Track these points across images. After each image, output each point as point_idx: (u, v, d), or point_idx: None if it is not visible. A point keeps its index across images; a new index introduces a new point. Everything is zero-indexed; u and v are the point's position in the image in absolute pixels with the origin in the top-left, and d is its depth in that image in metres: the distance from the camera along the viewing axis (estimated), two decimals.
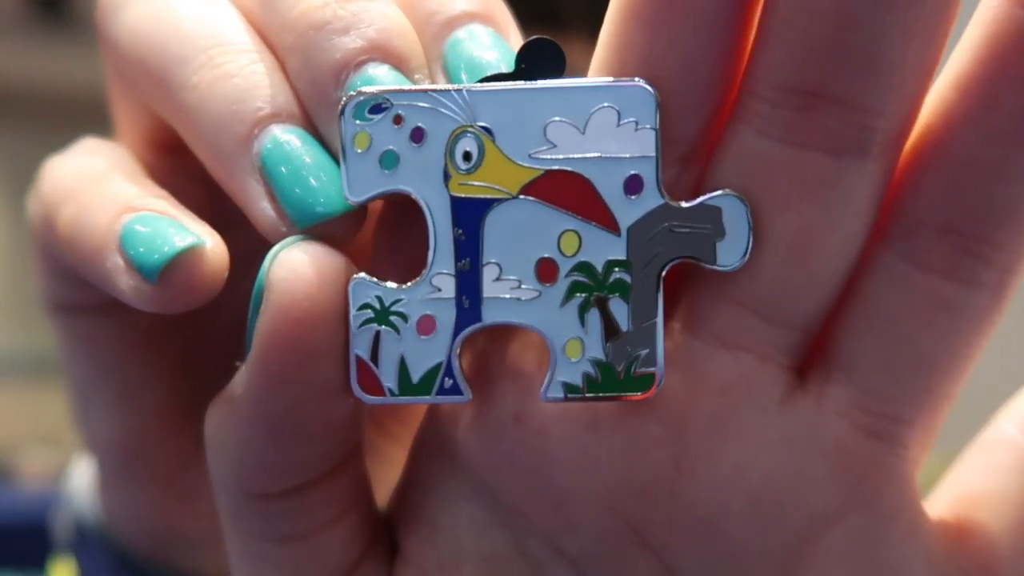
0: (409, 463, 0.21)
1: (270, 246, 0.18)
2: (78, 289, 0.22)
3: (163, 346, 0.24)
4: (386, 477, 0.21)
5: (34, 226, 0.21)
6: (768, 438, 0.17)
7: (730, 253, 0.17)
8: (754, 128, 0.17)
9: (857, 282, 0.17)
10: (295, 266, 0.17)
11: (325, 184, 0.18)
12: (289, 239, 0.18)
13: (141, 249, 0.18)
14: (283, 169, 0.18)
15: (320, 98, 0.18)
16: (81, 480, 0.28)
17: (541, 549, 0.19)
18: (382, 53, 0.18)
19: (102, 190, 0.19)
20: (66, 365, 0.24)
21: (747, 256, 0.17)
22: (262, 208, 0.18)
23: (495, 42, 0.18)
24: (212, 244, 0.18)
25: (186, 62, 0.19)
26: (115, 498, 0.26)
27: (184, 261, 0.18)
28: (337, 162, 0.18)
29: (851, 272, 0.17)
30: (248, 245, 0.19)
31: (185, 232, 0.18)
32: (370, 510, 0.20)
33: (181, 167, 0.21)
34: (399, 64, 0.18)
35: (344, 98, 0.18)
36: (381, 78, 0.18)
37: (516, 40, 0.19)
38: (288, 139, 0.18)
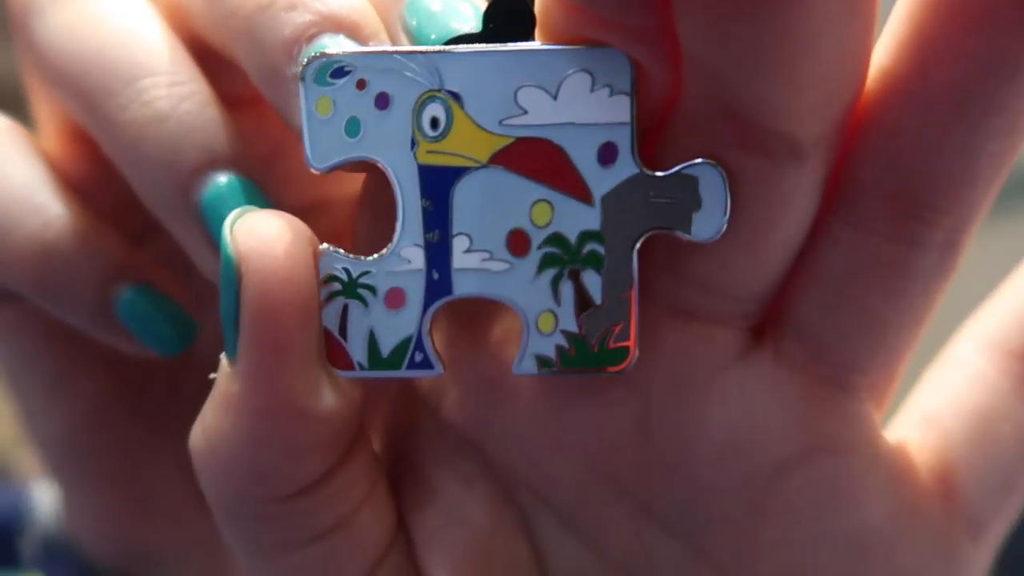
0: (391, 431, 0.20)
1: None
2: None
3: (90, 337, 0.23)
4: None
5: None
6: (727, 392, 0.18)
7: (707, 224, 0.17)
8: (684, 142, 0.17)
9: (808, 249, 0.17)
10: (262, 232, 0.16)
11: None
12: (239, 208, 0.17)
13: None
14: (222, 218, 0.17)
15: (274, 77, 0.18)
16: (46, 492, 0.28)
17: (528, 499, 0.19)
18: (333, 23, 0.17)
19: None
20: None
21: (725, 227, 0.17)
22: (205, 258, 0.18)
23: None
24: None
25: (114, 95, 0.18)
26: (70, 506, 0.25)
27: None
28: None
29: (797, 252, 0.17)
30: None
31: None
32: (386, 483, 0.20)
33: (101, 158, 0.20)
34: (353, 33, 0.17)
35: (303, 63, 0.17)
36: (335, 48, 0.17)
37: None
38: (227, 187, 0.18)
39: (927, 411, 0.20)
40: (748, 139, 0.16)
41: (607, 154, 0.17)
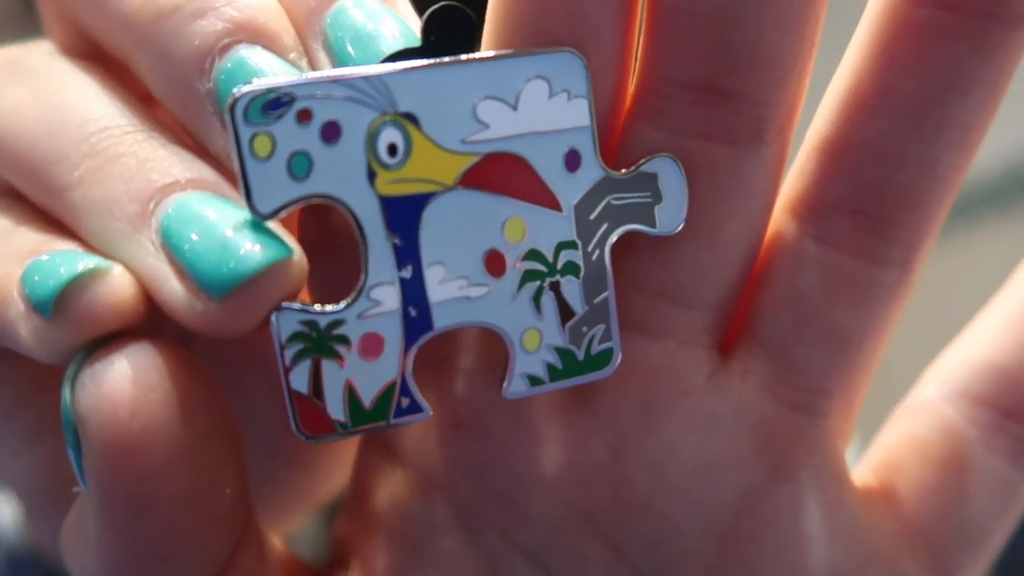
0: (356, 475, 0.19)
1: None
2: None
3: None
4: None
5: None
6: (695, 419, 0.18)
7: (669, 217, 0.17)
8: (650, 122, 0.17)
9: (770, 261, 0.18)
10: (103, 386, 0.14)
11: (240, 237, 0.15)
12: (82, 352, 0.15)
13: (36, 279, 0.15)
14: (179, 235, 0.15)
15: (184, 95, 0.15)
16: (4, 508, 0.26)
17: (496, 543, 0.18)
18: (249, 33, 0.15)
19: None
20: None
21: (684, 218, 0.17)
22: (170, 289, 0.15)
23: (384, 9, 0.16)
24: (120, 270, 0.15)
25: (65, 159, 0.16)
26: (44, 530, 0.23)
27: (83, 285, 0.15)
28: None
29: (757, 250, 0.18)
30: None
31: (88, 257, 0.15)
32: (291, 566, 0.19)
33: None
34: (271, 44, 0.16)
35: (228, 95, 0.15)
36: (254, 60, 0.15)
37: (405, 7, 0.17)
38: (191, 206, 0.15)
39: (893, 460, 0.19)
40: (710, 125, 0.16)
41: (572, 160, 0.16)
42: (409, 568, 0.18)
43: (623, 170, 0.17)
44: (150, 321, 0.16)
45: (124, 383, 0.14)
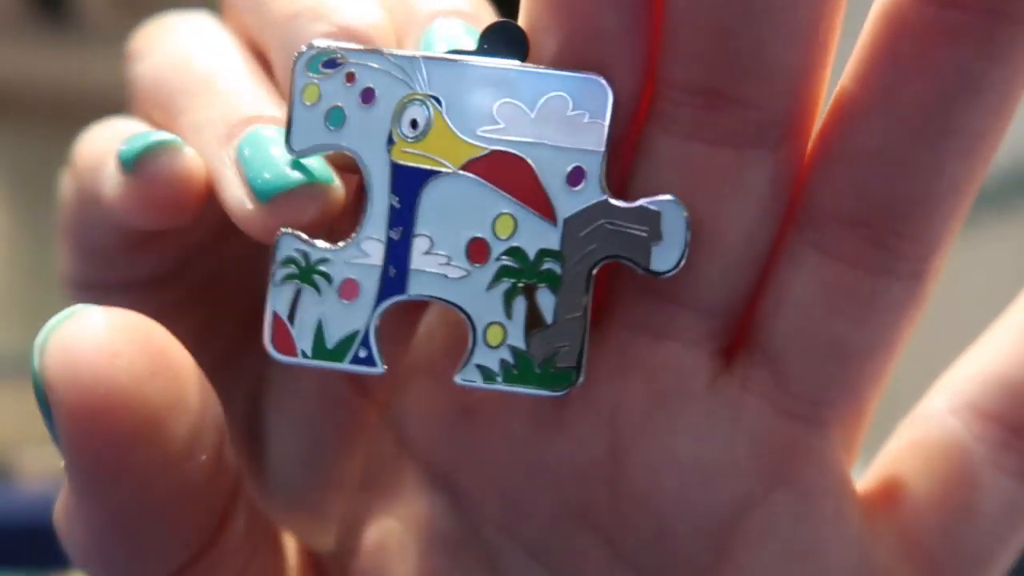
0: (364, 463, 0.20)
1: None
2: (103, 269, 0.21)
3: (182, 321, 0.22)
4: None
5: (65, 200, 0.21)
6: (694, 423, 0.18)
7: (664, 259, 0.17)
8: (658, 127, 0.17)
9: (773, 268, 0.17)
10: (68, 352, 0.15)
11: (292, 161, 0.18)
12: (55, 318, 0.15)
13: (126, 145, 0.18)
14: (248, 152, 0.18)
15: None
16: None
17: (497, 535, 0.19)
18: (351, 36, 0.18)
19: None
20: None
21: (681, 264, 0.17)
22: (232, 191, 0.18)
23: (469, 32, 0.18)
24: (193, 152, 0.18)
25: (186, 90, 0.19)
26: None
27: (162, 151, 0.18)
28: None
29: (765, 257, 0.17)
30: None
31: (170, 135, 0.18)
32: (280, 543, 0.20)
33: None
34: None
35: (298, 52, 0.17)
36: None
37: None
38: (264, 132, 0.18)
39: (898, 472, 0.19)
40: (715, 130, 0.16)
41: (575, 177, 0.17)
42: (412, 556, 0.19)
43: (625, 203, 0.17)
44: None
45: (88, 348, 0.15)
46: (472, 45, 0.18)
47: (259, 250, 0.19)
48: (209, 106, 0.19)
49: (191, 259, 0.22)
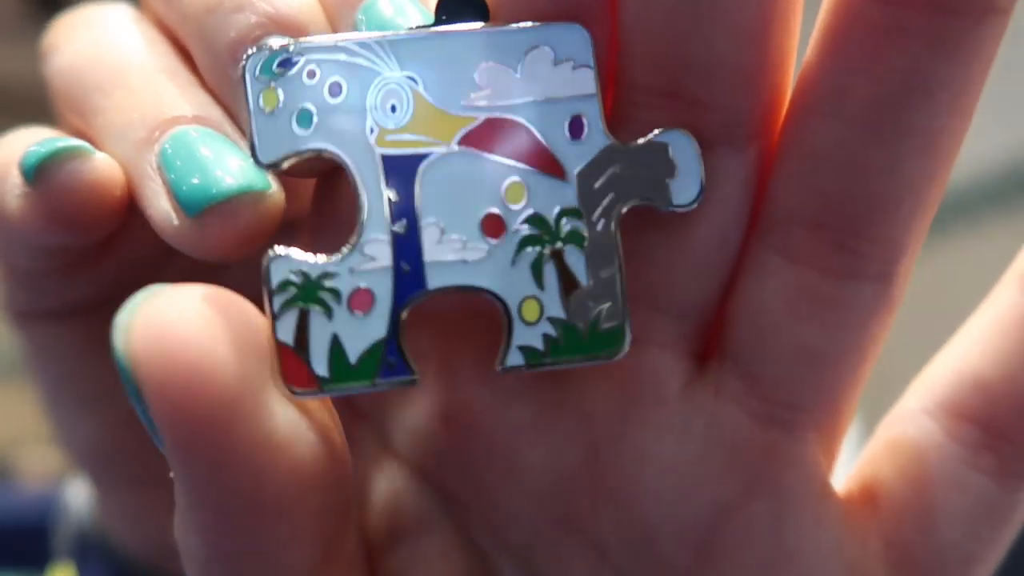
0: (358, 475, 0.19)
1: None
2: (36, 295, 0.20)
3: None
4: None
5: None
6: (668, 429, 0.17)
7: (685, 191, 0.16)
8: (624, 129, 0.16)
9: (741, 272, 0.17)
10: (151, 326, 0.14)
11: (223, 166, 0.16)
12: (129, 303, 0.15)
13: (28, 152, 0.17)
14: (178, 162, 0.16)
15: (223, 80, 0.17)
16: (81, 488, 0.27)
17: (486, 540, 0.18)
18: (278, 25, 0.17)
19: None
20: (30, 372, 0.22)
21: (703, 193, 0.16)
22: (157, 204, 0.16)
23: (412, 3, 0.17)
24: (104, 156, 0.17)
25: (101, 88, 0.18)
26: (106, 504, 0.24)
27: (66, 159, 0.16)
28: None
29: (735, 259, 0.17)
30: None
31: (75, 140, 0.17)
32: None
33: None
34: (300, 34, 0.17)
35: (246, 56, 0.16)
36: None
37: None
38: (189, 135, 0.17)
39: (876, 475, 0.18)
40: (683, 124, 0.16)
41: (576, 127, 0.16)
42: (399, 561, 0.18)
43: (630, 143, 0.16)
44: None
45: (175, 320, 0.14)
46: (420, 17, 0.17)
47: (214, 263, 0.17)
48: (127, 107, 0.17)
49: (132, 280, 0.19)
